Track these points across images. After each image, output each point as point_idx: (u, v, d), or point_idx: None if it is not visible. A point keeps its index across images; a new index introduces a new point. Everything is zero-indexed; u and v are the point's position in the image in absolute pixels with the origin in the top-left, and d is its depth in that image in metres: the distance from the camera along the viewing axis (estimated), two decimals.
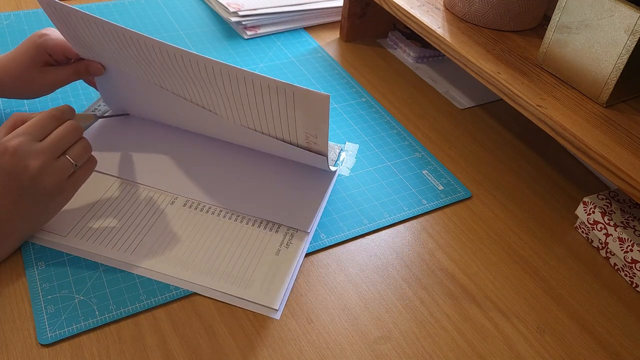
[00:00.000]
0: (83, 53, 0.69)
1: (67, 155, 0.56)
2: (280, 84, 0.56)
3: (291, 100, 0.58)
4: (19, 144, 0.53)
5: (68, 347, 0.52)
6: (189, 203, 0.66)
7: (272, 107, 0.60)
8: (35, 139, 0.54)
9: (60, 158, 0.56)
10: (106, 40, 0.62)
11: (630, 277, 0.65)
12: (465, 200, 0.73)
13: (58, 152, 0.55)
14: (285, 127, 0.63)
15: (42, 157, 0.54)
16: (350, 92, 0.90)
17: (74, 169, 0.57)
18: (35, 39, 0.67)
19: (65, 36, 0.66)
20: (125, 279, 0.58)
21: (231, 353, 0.53)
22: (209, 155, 0.73)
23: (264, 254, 0.62)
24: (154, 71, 0.63)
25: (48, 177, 0.54)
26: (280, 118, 0.62)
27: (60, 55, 0.69)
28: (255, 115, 0.63)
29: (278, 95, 0.58)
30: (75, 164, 0.57)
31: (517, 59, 0.76)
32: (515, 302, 0.62)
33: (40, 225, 0.59)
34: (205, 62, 0.58)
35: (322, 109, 0.58)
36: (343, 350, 0.55)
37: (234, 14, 1.00)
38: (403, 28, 1.05)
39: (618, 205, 0.68)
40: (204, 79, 0.60)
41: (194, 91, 0.64)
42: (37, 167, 0.53)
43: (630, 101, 0.70)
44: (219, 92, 0.62)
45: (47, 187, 0.55)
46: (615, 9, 0.63)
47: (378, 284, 0.61)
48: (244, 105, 0.62)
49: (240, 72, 0.57)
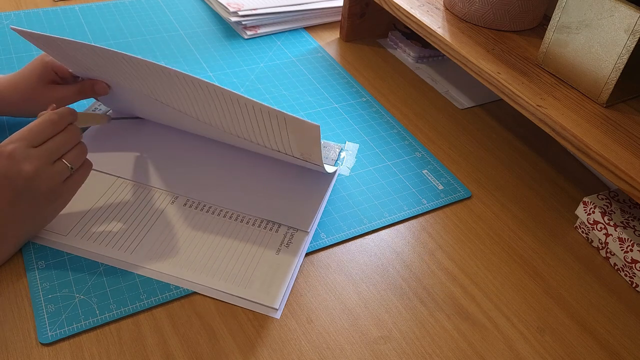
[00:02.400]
0: (80, 72, 0.70)
1: (64, 160, 0.56)
2: (272, 110, 0.56)
3: (284, 125, 0.59)
4: (14, 148, 0.53)
5: (68, 346, 0.52)
6: (189, 202, 0.66)
7: (267, 128, 0.61)
8: (31, 144, 0.54)
9: (56, 162, 0.56)
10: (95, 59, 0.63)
11: (630, 277, 0.65)
12: (465, 200, 0.73)
13: (54, 157, 0.55)
14: (280, 143, 0.63)
15: (36, 161, 0.54)
16: (350, 92, 0.90)
17: (69, 172, 0.57)
18: (42, 57, 0.69)
19: (57, 58, 0.68)
20: (126, 279, 0.58)
21: (231, 353, 0.53)
22: (209, 154, 0.73)
23: (264, 253, 0.62)
24: (148, 86, 0.63)
25: (43, 181, 0.54)
26: (275, 137, 0.62)
27: (67, 73, 0.71)
28: (251, 131, 0.63)
29: (271, 120, 0.58)
30: (72, 167, 0.57)
31: (517, 59, 0.76)
32: (515, 302, 0.62)
33: (38, 229, 0.59)
34: (199, 82, 0.57)
35: (314, 137, 0.59)
36: (343, 350, 0.55)
37: (234, 14, 1.00)
38: (403, 28, 1.05)
39: (618, 205, 0.68)
40: (199, 96, 0.60)
41: (190, 106, 0.63)
42: (31, 171, 0.53)
43: (630, 101, 0.70)
44: (215, 110, 0.61)
45: (43, 191, 0.55)
46: (615, 9, 0.63)
47: (378, 284, 0.62)
48: (239, 123, 0.62)
49: (234, 95, 0.56)
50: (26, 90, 0.69)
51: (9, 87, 0.69)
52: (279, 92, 0.88)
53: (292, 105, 0.86)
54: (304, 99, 0.87)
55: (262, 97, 0.87)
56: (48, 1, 1.03)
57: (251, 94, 0.87)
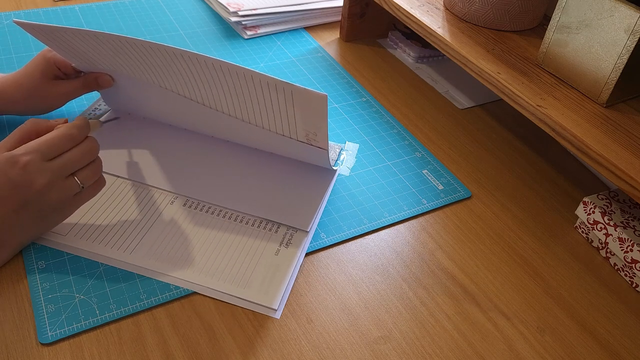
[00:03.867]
0: (83, 66, 0.70)
1: (76, 177, 0.56)
2: (279, 82, 0.57)
3: (290, 98, 0.58)
4: (29, 160, 0.53)
5: (68, 346, 0.52)
6: (188, 203, 0.66)
7: (273, 103, 0.60)
8: (47, 157, 0.54)
9: (68, 178, 0.56)
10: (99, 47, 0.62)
11: (630, 277, 0.65)
12: (465, 200, 0.73)
13: (67, 172, 0.55)
14: (286, 124, 0.63)
15: (49, 175, 0.54)
16: (350, 91, 0.90)
17: (79, 189, 0.57)
18: (45, 53, 0.69)
19: (60, 52, 0.68)
20: (126, 278, 0.58)
21: (231, 353, 0.53)
22: (209, 154, 0.73)
23: (263, 253, 0.62)
24: (152, 71, 0.63)
25: (53, 195, 0.55)
26: (281, 115, 0.62)
27: (69, 68, 0.70)
28: (257, 111, 0.63)
29: (277, 93, 0.58)
30: (82, 185, 0.57)
31: (517, 59, 0.76)
32: (515, 302, 0.62)
33: (38, 235, 0.59)
34: (205, 59, 0.58)
35: (321, 108, 0.58)
36: (343, 350, 0.55)
37: (234, 14, 1.00)
38: (403, 28, 1.05)
39: (618, 205, 0.68)
40: (204, 75, 0.60)
41: (194, 88, 0.64)
42: (43, 185, 0.53)
43: (630, 101, 0.70)
44: (220, 89, 0.61)
45: (52, 203, 0.55)
46: (615, 9, 0.63)
47: (378, 284, 0.61)
48: (245, 101, 0.62)
49: (240, 69, 0.57)
50: (30, 87, 0.69)
51: (12, 85, 0.69)
52: None
53: None
54: None
55: None
56: (48, 1, 1.03)
57: None
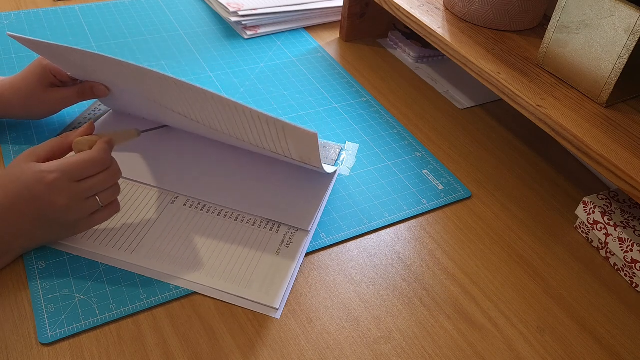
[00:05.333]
0: (79, 75, 0.70)
1: (97, 197, 0.56)
2: (270, 118, 0.56)
3: (282, 132, 0.59)
4: (56, 179, 0.53)
5: (68, 346, 0.52)
6: (189, 202, 0.66)
7: (266, 134, 0.61)
8: (74, 179, 0.54)
9: (89, 198, 0.56)
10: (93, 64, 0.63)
11: (630, 277, 0.65)
12: (465, 200, 0.73)
13: (89, 195, 0.56)
14: (280, 149, 0.63)
15: (72, 196, 0.54)
16: (350, 92, 0.90)
17: (98, 208, 0.57)
18: (40, 61, 0.70)
19: (55, 63, 0.68)
20: (126, 278, 0.58)
21: (231, 353, 0.53)
22: (209, 154, 0.73)
23: (264, 253, 0.62)
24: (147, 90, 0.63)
25: (71, 214, 0.55)
26: (274, 143, 0.62)
27: (65, 76, 0.71)
28: (250, 136, 0.63)
29: (269, 127, 0.58)
30: (102, 204, 0.57)
31: (517, 59, 0.76)
32: (515, 302, 0.62)
33: (42, 244, 0.60)
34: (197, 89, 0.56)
35: (311, 144, 0.59)
36: (343, 350, 0.55)
37: (234, 14, 1.00)
38: (403, 28, 1.05)
39: (618, 205, 0.68)
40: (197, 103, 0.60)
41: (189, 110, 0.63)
42: (63, 205, 0.54)
43: (630, 101, 0.70)
44: (214, 117, 0.61)
45: (67, 220, 0.56)
46: (615, 9, 0.63)
47: (378, 284, 0.62)
48: (239, 129, 0.62)
49: (232, 103, 0.56)
50: (27, 93, 0.69)
51: (10, 90, 0.69)
52: (279, 92, 0.88)
53: (292, 105, 0.86)
54: (304, 99, 0.87)
55: (262, 97, 0.87)
56: (48, 1, 1.03)
57: (251, 94, 0.87)
